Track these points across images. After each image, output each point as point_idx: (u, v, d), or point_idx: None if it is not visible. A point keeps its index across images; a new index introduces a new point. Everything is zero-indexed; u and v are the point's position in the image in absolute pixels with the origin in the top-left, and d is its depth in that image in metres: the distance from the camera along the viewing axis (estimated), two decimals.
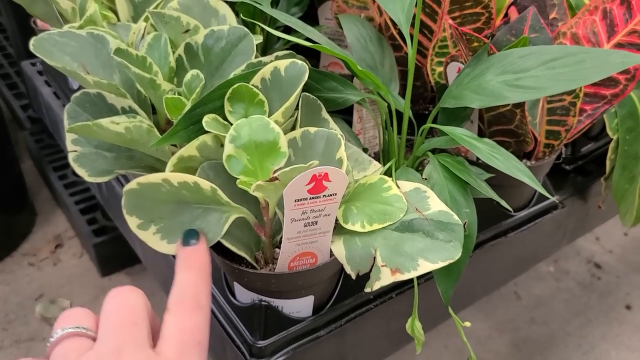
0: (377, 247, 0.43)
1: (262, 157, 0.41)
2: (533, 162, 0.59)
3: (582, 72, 0.42)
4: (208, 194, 0.40)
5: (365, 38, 0.56)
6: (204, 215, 0.41)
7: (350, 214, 0.45)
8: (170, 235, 0.41)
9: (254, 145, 0.41)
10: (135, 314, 0.35)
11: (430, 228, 0.43)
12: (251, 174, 0.40)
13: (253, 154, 0.41)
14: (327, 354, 0.56)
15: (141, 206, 0.40)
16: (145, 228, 0.40)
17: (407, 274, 0.42)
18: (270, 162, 0.41)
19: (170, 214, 0.41)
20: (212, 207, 0.41)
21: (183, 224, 0.41)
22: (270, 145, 0.41)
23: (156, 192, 0.40)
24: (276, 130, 0.41)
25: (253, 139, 0.41)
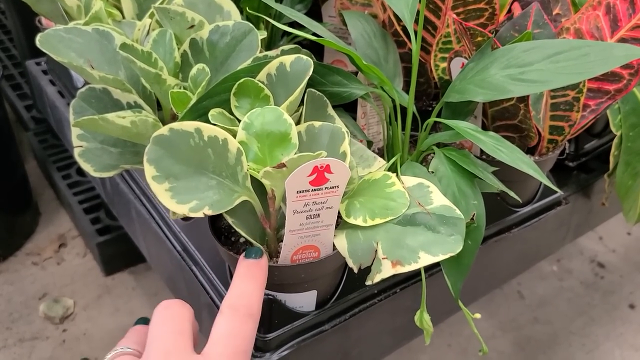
0: (378, 240, 0.44)
1: (273, 146, 0.42)
2: (537, 157, 0.59)
3: (586, 66, 0.42)
4: (232, 158, 0.41)
5: (370, 34, 0.56)
6: (218, 187, 0.41)
7: (353, 209, 0.45)
8: (181, 195, 0.41)
9: (265, 134, 0.42)
10: (181, 323, 0.38)
11: (433, 222, 0.43)
12: (260, 162, 0.41)
13: (264, 143, 0.42)
14: (331, 349, 0.56)
15: (163, 159, 0.40)
16: (160, 182, 0.40)
17: (407, 266, 0.42)
18: (280, 152, 0.41)
19: (186, 176, 0.41)
20: (227, 182, 0.42)
21: (196, 189, 0.41)
22: (282, 135, 0.42)
23: (184, 144, 0.40)
24: (289, 121, 0.42)
25: (265, 128, 0.42)
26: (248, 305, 0.39)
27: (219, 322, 0.38)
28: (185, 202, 0.41)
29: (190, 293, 0.61)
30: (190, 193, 0.41)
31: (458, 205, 0.48)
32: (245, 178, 0.41)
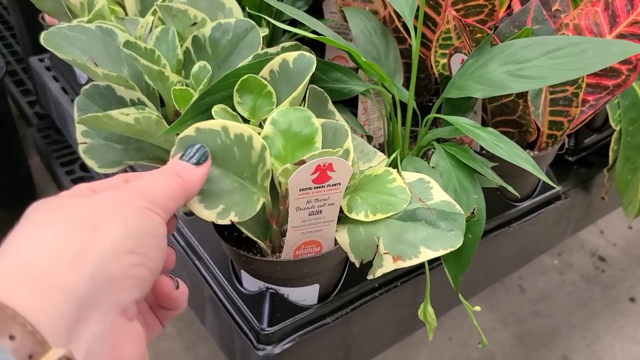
0: (380, 235, 0.44)
1: (297, 146, 0.42)
2: (536, 152, 0.60)
3: (584, 62, 0.43)
4: (254, 157, 0.41)
5: (370, 31, 0.57)
6: (240, 189, 0.42)
7: (354, 204, 0.45)
8: (209, 200, 0.40)
9: (292, 134, 0.42)
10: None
11: (433, 217, 0.44)
12: (282, 159, 0.41)
13: (289, 142, 0.42)
14: (333, 342, 0.57)
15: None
16: None
17: (408, 261, 0.43)
18: (302, 154, 0.41)
19: (212, 177, 0.41)
20: (247, 184, 0.42)
21: (222, 191, 0.41)
22: (307, 137, 0.42)
23: (211, 144, 0.40)
24: (316, 125, 0.42)
25: (293, 128, 0.42)
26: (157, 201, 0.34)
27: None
28: (212, 207, 0.40)
29: (193, 287, 0.62)
30: (217, 197, 0.41)
31: (459, 200, 0.48)
32: (265, 177, 0.42)
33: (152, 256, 0.32)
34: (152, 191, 0.34)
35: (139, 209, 0.32)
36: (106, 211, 0.31)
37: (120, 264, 0.29)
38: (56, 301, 0.26)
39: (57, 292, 0.26)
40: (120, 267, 0.29)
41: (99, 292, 0.28)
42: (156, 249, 0.32)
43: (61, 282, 0.27)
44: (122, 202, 0.32)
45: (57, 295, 0.26)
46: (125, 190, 0.33)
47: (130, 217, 0.31)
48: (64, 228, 0.29)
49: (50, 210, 0.31)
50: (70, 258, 0.28)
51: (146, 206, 0.33)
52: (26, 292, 0.26)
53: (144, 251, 0.31)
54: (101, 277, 0.28)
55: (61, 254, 0.28)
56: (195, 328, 1.07)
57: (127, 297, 0.30)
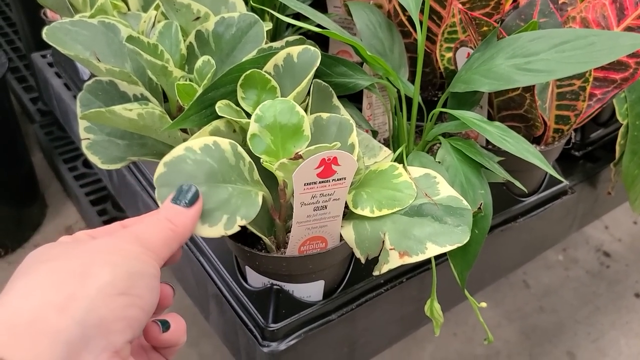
0: (386, 231, 0.44)
1: (285, 139, 0.41)
2: (542, 147, 0.59)
3: (592, 55, 0.42)
4: (230, 157, 0.40)
5: (375, 24, 0.56)
6: (235, 193, 0.40)
7: (360, 199, 0.45)
8: (209, 218, 0.39)
9: (278, 127, 0.41)
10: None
11: (440, 213, 0.43)
12: (273, 154, 0.41)
13: (277, 135, 0.41)
14: (338, 338, 0.57)
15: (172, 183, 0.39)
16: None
17: (415, 256, 0.42)
18: (293, 145, 0.41)
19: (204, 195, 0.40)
20: (239, 185, 0.41)
21: (218, 203, 0.39)
22: (295, 128, 0.41)
23: (185, 166, 0.39)
24: (301, 114, 0.42)
25: (278, 120, 0.41)
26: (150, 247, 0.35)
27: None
28: (217, 222, 0.39)
29: (197, 283, 0.62)
30: (216, 210, 0.39)
31: (466, 195, 0.48)
32: (251, 172, 0.41)
33: (144, 296, 0.32)
34: (146, 237, 0.35)
35: (130, 253, 0.33)
36: (96, 257, 0.32)
37: (111, 306, 0.30)
38: (46, 347, 0.27)
39: (47, 337, 0.27)
40: (111, 310, 0.30)
41: (90, 335, 0.29)
42: (148, 289, 0.33)
43: (50, 328, 0.28)
44: (113, 248, 0.33)
45: (47, 341, 0.27)
46: (119, 237, 0.34)
47: (120, 260, 0.32)
48: (53, 277, 0.30)
49: (42, 259, 0.32)
50: (59, 304, 0.29)
51: (139, 250, 0.34)
52: (16, 341, 0.27)
53: (135, 292, 0.32)
54: (91, 320, 0.29)
55: (50, 301, 0.29)
56: (200, 324, 1.07)
57: (119, 339, 0.31)
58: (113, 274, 0.31)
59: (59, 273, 0.30)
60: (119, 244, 0.34)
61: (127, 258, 0.33)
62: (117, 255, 0.33)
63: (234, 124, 0.44)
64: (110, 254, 0.32)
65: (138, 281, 0.32)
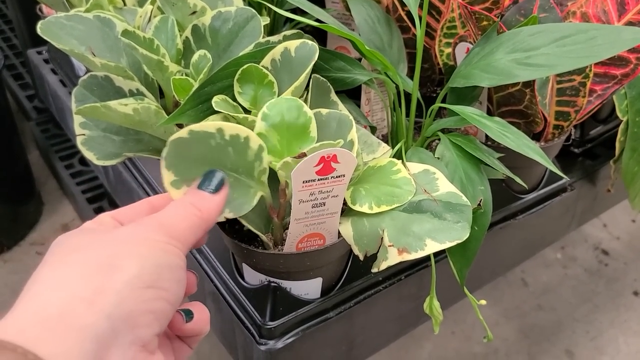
0: (384, 227, 0.43)
1: (292, 139, 0.40)
2: (542, 143, 0.59)
3: (593, 49, 0.42)
4: (251, 155, 0.39)
5: (373, 19, 0.56)
6: (235, 184, 0.40)
7: (358, 196, 0.45)
8: None
9: (285, 127, 0.40)
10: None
11: (439, 209, 0.43)
12: (278, 154, 0.40)
13: (283, 136, 0.40)
14: (336, 336, 0.56)
15: (181, 163, 0.38)
16: (178, 186, 0.38)
17: (414, 253, 0.42)
18: (298, 146, 0.40)
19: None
20: (243, 178, 0.40)
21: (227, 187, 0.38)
22: (301, 128, 0.41)
23: (204, 145, 0.38)
24: (308, 114, 0.41)
25: (285, 119, 0.40)
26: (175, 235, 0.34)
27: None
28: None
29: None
30: None
31: (465, 191, 0.47)
32: (262, 173, 0.40)
33: (171, 289, 0.32)
34: (171, 223, 0.34)
35: (157, 244, 0.33)
36: (123, 249, 0.31)
37: (138, 300, 0.30)
38: (75, 342, 0.27)
39: (76, 332, 0.27)
40: (138, 303, 0.30)
41: (118, 329, 0.29)
42: (174, 282, 0.33)
43: (79, 322, 0.28)
44: (139, 238, 0.33)
45: (76, 336, 0.27)
46: (145, 225, 0.34)
47: (146, 252, 0.32)
48: (81, 269, 0.30)
49: (69, 249, 0.32)
50: (87, 298, 0.28)
51: (164, 240, 0.33)
52: (46, 336, 0.26)
53: (162, 285, 0.32)
54: (119, 314, 0.29)
55: (79, 294, 0.29)
56: None
57: (146, 333, 0.31)
58: (140, 267, 0.31)
59: (86, 265, 0.30)
60: (145, 233, 0.33)
61: (154, 249, 0.32)
62: (143, 246, 0.32)
63: (231, 119, 0.44)
64: (137, 245, 0.32)
65: (165, 274, 0.32)
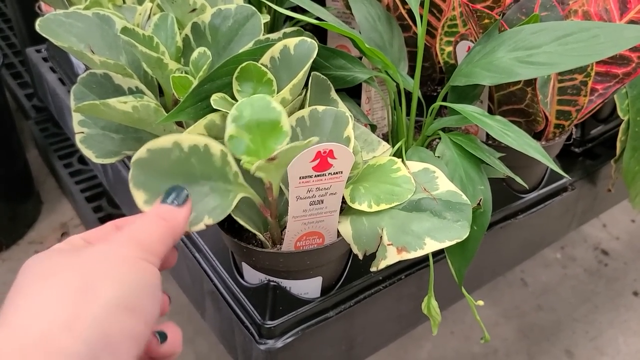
0: (383, 226, 0.43)
1: (265, 136, 0.39)
2: (543, 142, 0.59)
3: (596, 48, 0.42)
4: (217, 161, 0.39)
5: (374, 17, 0.55)
6: (212, 192, 0.40)
7: (357, 194, 0.44)
8: None
9: (255, 125, 0.39)
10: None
11: (439, 208, 0.43)
12: (254, 154, 0.39)
13: (255, 134, 0.39)
14: (336, 336, 0.56)
15: (149, 180, 0.38)
16: (150, 204, 0.38)
17: (413, 252, 0.41)
18: (273, 142, 0.39)
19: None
20: (220, 184, 0.40)
21: (193, 200, 0.39)
22: (272, 124, 0.39)
23: (166, 160, 0.38)
24: (278, 109, 0.40)
25: (255, 118, 0.39)
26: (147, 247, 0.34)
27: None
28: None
29: (193, 280, 0.61)
30: None
31: (465, 190, 0.47)
32: (236, 176, 0.40)
33: (147, 309, 0.32)
34: (142, 236, 0.34)
35: (134, 261, 0.32)
36: (98, 270, 0.31)
37: (116, 324, 0.29)
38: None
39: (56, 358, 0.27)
40: (117, 327, 0.29)
41: (98, 355, 0.28)
42: (152, 302, 0.32)
43: (61, 349, 0.27)
44: (114, 256, 0.32)
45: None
46: (117, 241, 0.33)
47: (123, 272, 0.31)
48: (57, 294, 0.29)
49: (44, 273, 0.31)
50: (66, 323, 0.28)
51: (140, 256, 0.33)
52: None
53: (140, 306, 0.31)
54: (97, 339, 0.28)
55: (57, 320, 0.28)
56: (195, 322, 1.06)
57: (126, 355, 0.30)
58: (117, 289, 0.30)
59: (63, 289, 0.29)
60: (117, 251, 0.32)
61: (130, 268, 0.32)
62: (119, 265, 0.32)
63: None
64: (113, 265, 0.31)
65: (141, 294, 0.31)
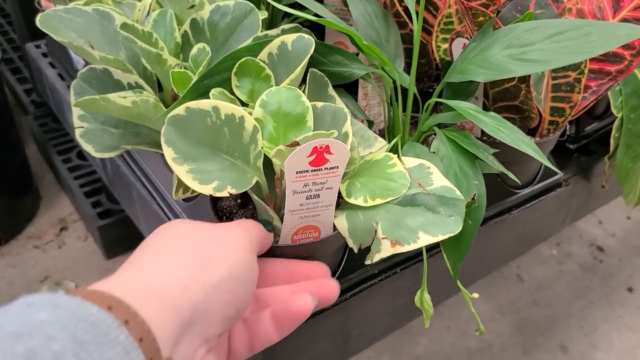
0: (378, 220, 0.44)
1: (288, 127, 0.41)
2: (537, 139, 0.59)
3: (588, 45, 0.42)
4: (247, 137, 0.40)
5: (371, 14, 0.56)
6: (231, 167, 0.41)
7: (353, 189, 0.45)
8: (201, 176, 0.40)
9: (282, 115, 0.41)
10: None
11: (433, 202, 0.44)
12: (274, 141, 0.41)
13: (280, 123, 0.41)
14: (332, 329, 0.56)
15: (179, 141, 0.40)
16: (180, 163, 0.40)
17: (407, 246, 0.42)
18: (294, 134, 0.41)
19: (203, 157, 0.40)
20: (239, 163, 0.41)
21: (212, 171, 0.40)
22: (298, 117, 0.41)
23: (200, 123, 0.40)
24: (306, 104, 0.42)
25: (283, 108, 0.41)
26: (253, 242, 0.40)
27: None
28: (207, 183, 0.40)
29: None
30: (210, 174, 0.40)
31: (460, 185, 0.48)
32: (257, 157, 0.41)
33: (243, 299, 0.36)
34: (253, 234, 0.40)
35: (244, 252, 0.37)
36: (218, 250, 0.36)
37: (217, 300, 0.34)
38: (168, 319, 0.31)
39: (170, 311, 0.31)
40: (217, 302, 0.34)
41: (196, 319, 0.33)
42: (248, 294, 0.37)
43: (173, 304, 0.31)
44: (233, 243, 0.37)
45: (169, 315, 0.31)
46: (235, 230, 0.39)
47: (236, 261, 0.36)
48: (182, 258, 0.34)
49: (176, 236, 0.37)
50: (182, 285, 0.33)
51: (249, 249, 0.38)
52: (148, 306, 0.30)
53: (238, 293, 0.36)
54: (201, 307, 0.33)
55: (176, 280, 0.33)
56: None
57: (213, 330, 0.34)
58: (229, 272, 0.35)
59: (187, 255, 0.35)
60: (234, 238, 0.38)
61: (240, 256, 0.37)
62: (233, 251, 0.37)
63: None
64: (228, 249, 0.37)
65: (244, 285, 0.36)
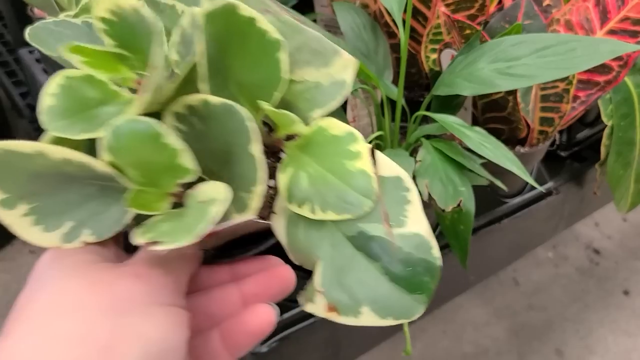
0: (319, 258, 0.31)
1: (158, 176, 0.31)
2: (527, 148, 0.59)
3: (573, 61, 0.42)
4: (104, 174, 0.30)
5: (360, 26, 0.56)
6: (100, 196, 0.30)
7: (298, 188, 0.32)
8: (48, 218, 0.29)
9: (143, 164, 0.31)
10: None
11: (395, 264, 0.30)
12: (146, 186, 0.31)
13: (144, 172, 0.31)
14: (322, 340, 0.57)
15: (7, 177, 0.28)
16: (10, 206, 0.28)
17: (344, 317, 0.31)
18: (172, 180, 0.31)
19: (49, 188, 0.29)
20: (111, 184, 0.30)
21: (68, 204, 0.29)
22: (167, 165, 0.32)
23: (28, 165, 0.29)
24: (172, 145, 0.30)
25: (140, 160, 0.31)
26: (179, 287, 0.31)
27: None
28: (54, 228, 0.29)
29: None
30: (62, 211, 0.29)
31: (445, 190, 0.46)
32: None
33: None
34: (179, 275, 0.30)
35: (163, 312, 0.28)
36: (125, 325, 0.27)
37: None
38: None
39: None
40: None
41: None
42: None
43: None
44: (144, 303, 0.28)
45: None
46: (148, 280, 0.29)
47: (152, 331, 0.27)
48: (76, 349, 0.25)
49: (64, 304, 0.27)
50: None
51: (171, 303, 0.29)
52: None
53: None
54: None
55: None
56: None
57: None
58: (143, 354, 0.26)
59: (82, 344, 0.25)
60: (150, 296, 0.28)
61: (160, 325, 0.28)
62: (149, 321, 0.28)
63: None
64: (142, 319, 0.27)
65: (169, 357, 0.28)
